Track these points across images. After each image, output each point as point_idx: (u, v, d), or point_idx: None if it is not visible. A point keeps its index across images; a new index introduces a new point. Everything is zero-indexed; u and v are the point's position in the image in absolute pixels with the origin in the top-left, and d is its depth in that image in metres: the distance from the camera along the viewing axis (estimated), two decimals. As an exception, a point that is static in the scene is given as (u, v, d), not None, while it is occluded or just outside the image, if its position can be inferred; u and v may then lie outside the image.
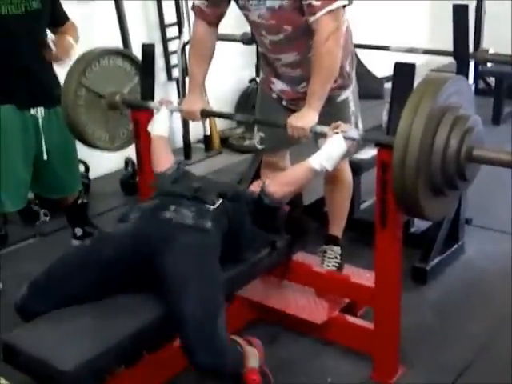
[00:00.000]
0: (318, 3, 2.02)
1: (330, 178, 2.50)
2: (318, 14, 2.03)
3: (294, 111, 2.28)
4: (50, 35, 2.78)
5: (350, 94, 2.38)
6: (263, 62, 2.45)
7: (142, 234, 1.92)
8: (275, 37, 2.21)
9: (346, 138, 2.04)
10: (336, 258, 2.51)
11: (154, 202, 2.08)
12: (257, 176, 2.84)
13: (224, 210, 2.03)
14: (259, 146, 2.60)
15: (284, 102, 2.42)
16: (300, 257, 2.48)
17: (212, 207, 2.02)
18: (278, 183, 2.14)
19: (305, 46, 2.19)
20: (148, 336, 1.83)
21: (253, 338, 2.12)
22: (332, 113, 2.22)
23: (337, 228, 2.56)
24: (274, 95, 2.44)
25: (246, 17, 2.25)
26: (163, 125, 2.41)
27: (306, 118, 2.14)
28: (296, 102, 2.34)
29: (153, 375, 2.04)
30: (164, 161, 2.33)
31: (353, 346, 2.30)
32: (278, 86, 2.40)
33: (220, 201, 2.04)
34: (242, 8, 2.23)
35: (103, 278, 1.87)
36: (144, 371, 1.97)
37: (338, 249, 2.53)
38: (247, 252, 2.14)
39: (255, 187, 2.24)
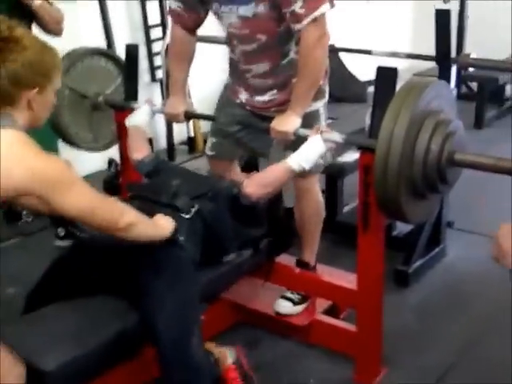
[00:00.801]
0: (302, 11, 1.96)
1: (300, 194, 2.39)
2: (304, 22, 1.98)
3: (258, 116, 2.28)
4: None
5: (321, 108, 2.27)
6: (231, 69, 2.37)
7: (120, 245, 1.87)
8: (248, 46, 2.15)
9: (328, 141, 2.05)
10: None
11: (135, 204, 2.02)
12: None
13: (200, 215, 1.99)
14: (210, 153, 2.51)
15: (247, 107, 2.36)
16: (283, 259, 2.48)
17: (187, 216, 1.97)
18: (256, 184, 2.09)
19: (278, 55, 2.15)
20: (132, 337, 1.82)
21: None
22: (302, 123, 2.15)
23: (309, 254, 2.44)
24: (238, 101, 2.37)
25: (220, 23, 2.19)
26: (141, 117, 2.39)
27: (290, 123, 2.13)
28: (261, 111, 2.32)
29: (136, 375, 2.03)
30: (141, 148, 2.31)
31: (335, 347, 2.31)
32: (243, 96, 2.33)
33: (196, 208, 1.99)
34: (215, 14, 2.18)
35: (94, 279, 1.87)
36: (127, 371, 1.96)
37: None
38: (230, 250, 2.13)
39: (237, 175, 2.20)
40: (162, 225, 1.85)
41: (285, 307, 2.41)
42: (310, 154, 2.03)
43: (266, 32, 2.09)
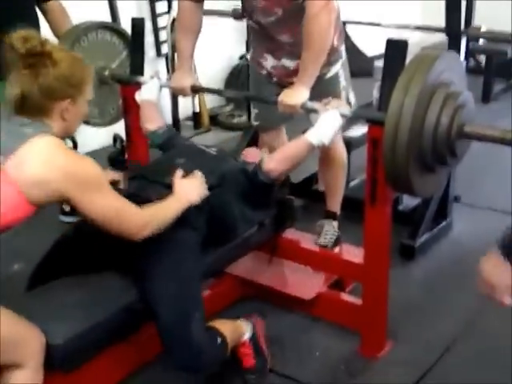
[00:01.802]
0: None
1: (325, 158, 2.52)
2: None
3: (284, 87, 2.27)
4: None
5: (339, 69, 2.37)
6: (255, 38, 2.43)
7: None
8: (267, 19, 2.21)
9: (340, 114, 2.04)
10: (333, 232, 2.53)
11: (132, 185, 1.99)
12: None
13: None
14: (254, 122, 2.62)
15: (274, 79, 2.41)
16: (289, 234, 2.48)
17: None
18: (276, 160, 2.10)
19: (297, 28, 2.18)
20: (138, 311, 1.83)
21: (253, 314, 2.17)
22: (322, 90, 2.21)
23: (334, 204, 2.59)
24: (264, 72, 2.43)
25: None
26: (152, 91, 2.38)
27: (297, 95, 2.13)
28: (287, 79, 2.33)
29: (141, 350, 2.05)
30: (154, 119, 2.30)
31: (341, 321, 2.32)
32: (270, 62, 2.38)
33: None
34: None
35: (98, 257, 1.86)
36: (133, 345, 1.98)
37: (335, 223, 2.56)
38: (237, 230, 2.10)
39: (252, 157, 2.19)
40: (186, 194, 1.82)
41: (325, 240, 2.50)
42: (329, 127, 2.02)
43: (281, 6, 2.15)
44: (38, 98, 1.57)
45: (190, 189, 1.85)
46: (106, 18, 3.83)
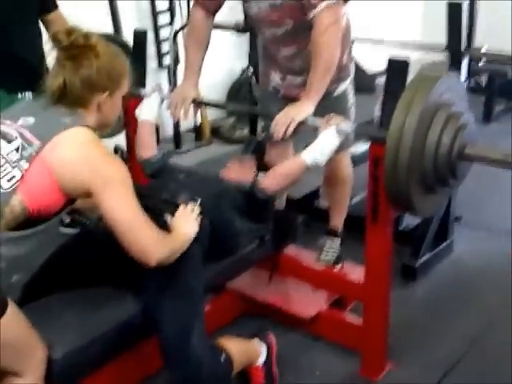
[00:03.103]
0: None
1: (330, 175, 2.50)
2: (318, 9, 2.05)
3: (291, 101, 2.26)
4: None
5: (348, 86, 2.37)
6: (263, 54, 2.44)
7: None
8: (276, 30, 2.22)
9: (339, 132, 2.02)
10: (335, 250, 2.51)
11: None
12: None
13: (202, 212, 1.89)
14: (261, 135, 2.62)
15: (280, 94, 2.41)
16: (290, 251, 2.47)
17: None
18: (271, 178, 2.10)
19: (304, 41, 2.18)
20: (137, 325, 1.82)
21: (268, 334, 2.16)
22: (330, 107, 2.18)
23: (337, 221, 2.58)
24: (271, 88, 2.43)
25: (247, 9, 2.27)
26: (151, 110, 2.35)
27: (301, 110, 2.11)
28: (294, 95, 2.32)
29: (134, 370, 2.02)
30: (148, 146, 2.29)
31: (341, 341, 2.30)
32: (277, 77, 2.39)
33: (198, 202, 1.91)
34: (244, 1, 2.24)
35: (97, 269, 1.84)
36: (132, 361, 1.96)
37: (337, 240, 2.54)
38: (236, 247, 2.10)
39: (233, 174, 2.19)
40: (185, 231, 1.77)
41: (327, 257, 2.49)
42: (325, 148, 2.00)
43: (292, 18, 2.16)
44: (78, 88, 1.61)
45: (184, 224, 1.79)
46: (109, 29, 3.83)
